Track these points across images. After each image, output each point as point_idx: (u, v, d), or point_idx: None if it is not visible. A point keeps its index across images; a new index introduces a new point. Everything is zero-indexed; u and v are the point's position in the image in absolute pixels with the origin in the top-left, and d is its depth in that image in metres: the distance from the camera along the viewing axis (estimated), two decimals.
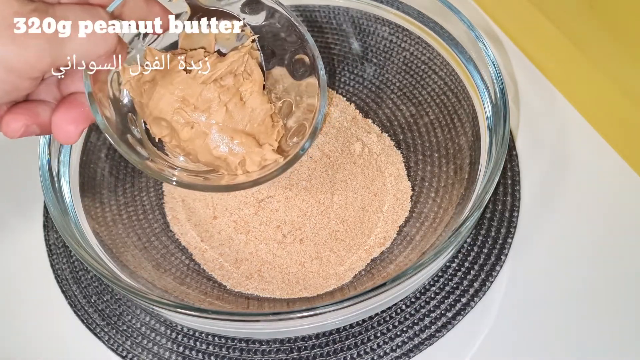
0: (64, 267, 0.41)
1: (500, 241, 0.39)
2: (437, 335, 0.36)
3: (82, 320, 0.39)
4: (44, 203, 0.44)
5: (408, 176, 0.42)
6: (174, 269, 0.39)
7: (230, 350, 0.37)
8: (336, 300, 0.29)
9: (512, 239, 0.40)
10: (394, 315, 0.37)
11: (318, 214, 0.39)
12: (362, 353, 0.36)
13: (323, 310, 0.29)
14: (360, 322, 0.37)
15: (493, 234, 0.40)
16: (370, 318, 0.37)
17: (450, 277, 0.38)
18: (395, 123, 0.44)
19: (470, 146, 0.38)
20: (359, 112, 0.45)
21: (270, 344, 0.37)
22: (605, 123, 0.44)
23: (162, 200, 0.43)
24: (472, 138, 0.38)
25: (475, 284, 0.38)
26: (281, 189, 0.40)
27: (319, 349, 0.37)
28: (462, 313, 0.37)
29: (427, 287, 0.38)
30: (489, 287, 0.38)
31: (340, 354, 0.36)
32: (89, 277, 0.40)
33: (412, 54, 0.44)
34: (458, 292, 0.38)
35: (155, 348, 0.38)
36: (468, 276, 0.38)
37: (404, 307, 0.38)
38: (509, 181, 0.42)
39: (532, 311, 0.37)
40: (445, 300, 0.37)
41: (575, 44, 0.44)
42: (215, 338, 0.38)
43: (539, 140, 0.44)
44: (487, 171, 0.33)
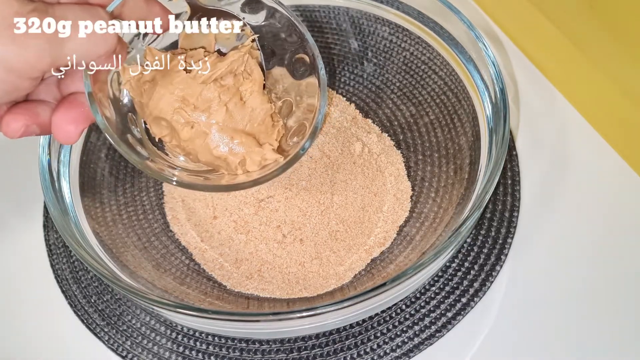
0: (64, 267, 0.41)
1: (500, 241, 0.39)
2: (437, 335, 0.36)
3: (82, 320, 0.39)
4: (44, 203, 0.44)
5: (408, 176, 0.42)
6: (174, 269, 0.39)
7: (230, 350, 0.37)
8: (336, 300, 0.29)
9: (512, 239, 0.40)
10: (394, 315, 0.37)
11: (318, 214, 0.39)
12: (362, 353, 0.36)
13: (323, 310, 0.29)
14: (360, 322, 0.37)
15: (493, 234, 0.40)
16: (370, 318, 0.37)
17: (450, 277, 0.38)
18: (395, 123, 0.44)
19: (470, 146, 0.38)
20: (359, 112, 0.45)
21: (270, 344, 0.37)
22: (605, 123, 0.44)
23: (162, 200, 0.43)
24: (472, 138, 0.38)
25: (475, 284, 0.38)
26: (281, 189, 0.40)
27: (319, 349, 0.37)
28: (462, 313, 0.37)
29: (427, 287, 0.38)
30: (489, 287, 0.38)
31: (340, 354, 0.36)
32: (89, 277, 0.40)
33: (412, 54, 0.44)
34: (458, 292, 0.38)
35: (155, 348, 0.38)
36: (468, 276, 0.38)
37: (404, 307, 0.38)
38: (509, 181, 0.42)
39: (532, 311, 0.37)
40: (445, 300, 0.37)
41: (575, 44, 0.44)
42: (215, 338, 0.38)
43: (539, 140, 0.44)
44: (487, 171, 0.33)
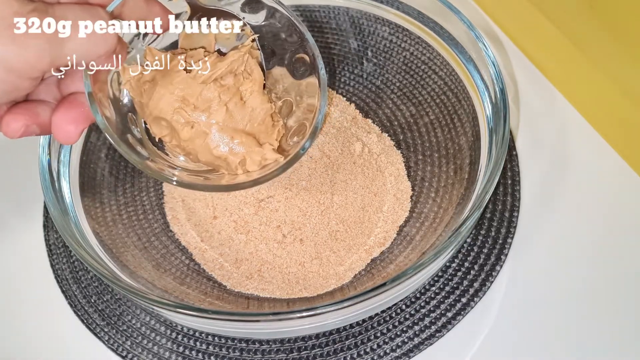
0: (64, 267, 0.41)
1: (500, 241, 0.39)
2: (437, 335, 0.36)
3: (82, 320, 0.39)
4: (44, 203, 0.44)
5: (408, 176, 0.42)
6: (174, 269, 0.39)
7: (230, 350, 0.37)
8: (336, 300, 0.29)
9: (512, 239, 0.40)
10: (394, 315, 0.37)
11: (318, 214, 0.39)
12: (362, 353, 0.36)
13: (323, 310, 0.29)
14: (360, 322, 0.37)
15: (493, 234, 0.40)
16: (370, 318, 0.37)
17: (450, 277, 0.38)
18: (395, 123, 0.44)
19: (470, 146, 0.38)
20: (359, 112, 0.45)
21: (270, 344, 0.37)
22: (605, 123, 0.44)
23: (162, 200, 0.43)
24: (472, 138, 0.38)
25: (475, 284, 0.38)
26: (281, 189, 0.40)
27: (319, 349, 0.37)
28: (462, 313, 0.37)
29: (427, 287, 0.38)
30: (489, 287, 0.38)
31: (340, 354, 0.36)
32: (89, 277, 0.40)
33: (412, 54, 0.44)
34: (458, 292, 0.38)
35: (155, 348, 0.37)
36: (468, 276, 0.38)
37: (404, 307, 0.38)
38: (509, 181, 0.42)
39: (532, 311, 0.37)
40: (445, 300, 0.37)
41: (575, 44, 0.44)
42: (215, 338, 0.38)
43: (539, 140, 0.44)
44: (487, 171, 0.33)
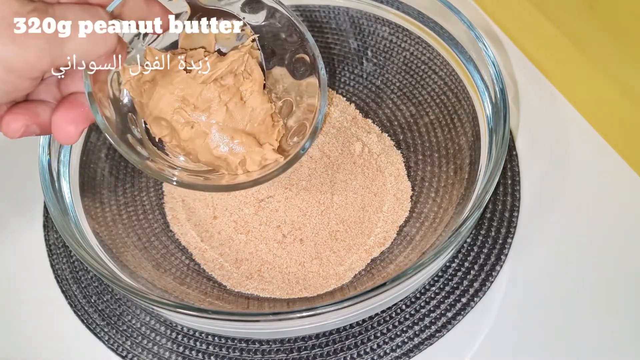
0: (64, 267, 0.41)
1: (500, 241, 0.39)
2: (437, 335, 0.36)
3: (82, 320, 0.39)
4: (44, 203, 0.44)
5: (408, 176, 0.42)
6: (174, 269, 0.39)
7: (230, 350, 0.37)
8: (336, 300, 0.29)
9: (512, 239, 0.40)
10: (394, 315, 0.37)
11: (318, 214, 0.39)
12: (362, 353, 0.36)
13: (323, 310, 0.29)
14: (360, 322, 0.37)
15: (493, 234, 0.40)
16: (370, 318, 0.37)
17: (450, 277, 0.38)
18: (395, 123, 0.44)
19: (470, 146, 0.38)
20: (359, 112, 0.45)
21: (270, 344, 0.37)
22: (605, 123, 0.44)
23: (162, 200, 0.43)
24: (472, 138, 0.38)
25: (475, 284, 0.38)
26: (281, 189, 0.40)
27: (319, 349, 0.37)
28: (462, 313, 0.37)
29: (427, 287, 0.38)
30: (489, 287, 0.38)
31: (340, 354, 0.36)
32: (89, 277, 0.40)
33: (412, 54, 0.44)
34: (458, 292, 0.38)
35: (155, 348, 0.37)
36: (468, 276, 0.38)
37: (404, 307, 0.38)
38: (509, 181, 0.42)
39: (532, 311, 0.37)
40: (445, 300, 0.37)
41: (575, 44, 0.44)
42: (215, 338, 0.38)
43: (539, 140, 0.44)
44: (487, 171, 0.33)
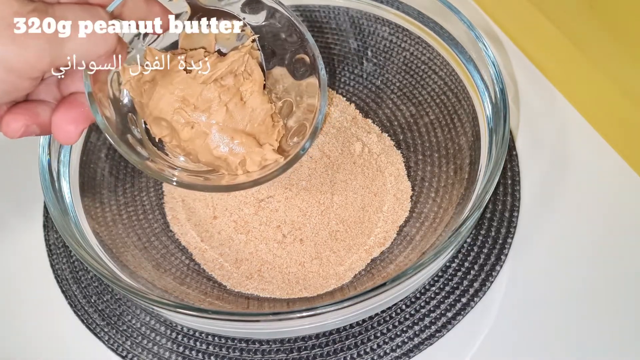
0: (64, 267, 0.41)
1: (500, 241, 0.39)
2: (437, 335, 0.36)
3: (82, 320, 0.39)
4: (44, 203, 0.44)
5: (408, 176, 0.42)
6: (174, 269, 0.39)
7: (230, 350, 0.37)
8: (336, 300, 0.29)
9: (512, 239, 0.40)
10: (394, 315, 0.37)
11: (318, 214, 0.39)
12: (362, 353, 0.36)
13: (323, 310, 0.29)
14: (360, 322, 0.37)
15: (493, 234, 0.40)
16: (370, 318, 0.37)
17: (450, 277, 0.38)
18: (395, 123, 0.44)
19: (470, 146, 0.38)
20: (359, 112, 0.45)
21: (270, 344, 0.37)
22: (605, 123, 0.44)
23: (162, 200, 0.43)
24: (472, 138, 0.38)
25: (475, 284, 0.38)
26: (281, 189, 0.40)
27: (319, 349, 0.37)
28: (462, 313, 0.37)
29: (427, 287, 0.38)
30: (489, 287, 0.38)
31: (340, 354, 0.36)
32: (89, 277, 0.40)
33: (412, 54, 0.44)
34: (458, 292, 0.38)
35: (155, 348, 0.38)
36: (468, 276, 0.38)
37: (404, 307, 0.38)
38: (509, 181, 0.42)
39: (532, 311, 0.37)
40: (445, 300, 0.37)
41: (575, 44, 0.44)
42: (215, 338, 0.38)
43: (539, 140, 0.44)
44: (487, 171, 0.33)
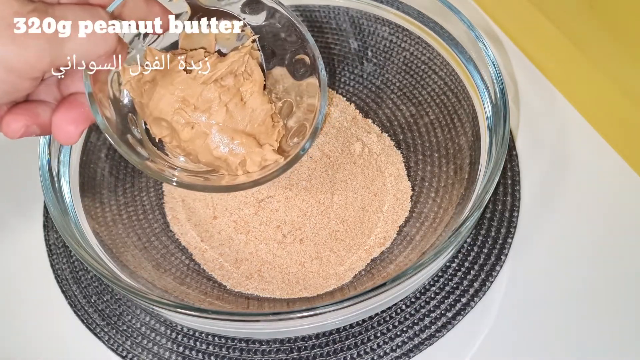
0: (64, 267, 0.41)
1: (500, 241, 0.39)
2: (437, 335, 0.36)
3: (82, 320, 0.39)
4: (44, 203, 0.44)
5: (408, 176, 0.42)
6: (174, 269, 0.39)
7: (230, 350, 0.37)
8: (336, 300, 0.29)
9: (512, 239, 0.40)
10: (394, 315, 0.37)
11: (318, 214, 0.39)
12: (362, 353, 0.36)
13: (323, 310, 0.29)
14: (360, 322, 0.37)
15: (493, 234, 0.40)
16: (370, 318, 0.37)
17: (450, 277, 0.38)
18: (395, 123, 0.44)
19: (470, 146, 0.38)
20: (359, 112, 0.45)
21: (270, 344, 0.37)
22: (605, 123, 0.44)
23: (162, 200, 0.43)
24: (472, 138, 0.38)
25: (475, 284, 0.38)
26: (281, 189, 0.40)
27: (319, 349, 0.37)
28: (462, 313, 0.37)
29: (427, 287, 0.38)
30: (489, 287, 0.38)
31: (340, 354, 0.36)
32: (89, 277, 0.40)
33: (412, 54, 0.44)
34: (458, 292, 0.38)
35: (155, 348, 0.38)
36: (468, 276, 0.38)
37: (404, 307, 0.38)
38: (509, 181, 0.42)
39: (532, 311, 0.37)
40: (445, 300, 0.37)
41: (575, 44, 0.44)
42: (215, 338, 0.38)
43: (539, 140, 0.44)
44: (487, 171, 0.33)
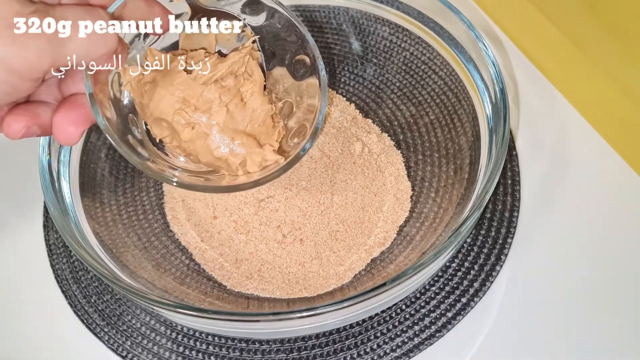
0: (64, 267, 0.41)
1: (500, 241, 0.39)
2: (437, 335, 0.36)
3: (82, 320, 0.39)
4: (44, 203, 0.44)
5: (408, 176, 0.42)
6: (174, 269, 0.39)
7: (230, 350, 0.37)
8: (336, 300, 0.29)
9: (512, 239, 0.40)
10: (394, 315, 0.37)
11: (318, 214, 0.39)
12: (362, 353, 0.36)
13: (323, 310, 0.29)
14: (360, 322, 0.37)
15: (493, 234, 0.40)
16: (370, 318, 0.37)
17: (450, 277, 0.38)
18: (395, 123, 0.44)
19: (470, 146, 0.38)
20: (359, 112, 0.45)
21: (270, 344, 0.37)
22: (605, 123, 0.44)
23: (162, 200, 0.43)
24: (472, 138, 0.38)
25: (475, 284, 0.38)
26: (281, 189, 0.40)
27: (319, 349, 0.37)
28: (462, 313, 0.37)
29: (427, 287, 0.38)
30: (489, 287, 0.38)
31: (340, 354, 0.36)
32: (89, 277, 0.40)
33: (412, 54, 0.44)
34: (458, 292, 0.38)
35: (155, 348, 0.38)
36: (468, 276, 0.38)
37: (404, 307, 0.38)
38: (509, 181, 0.42)
39: (532, 311, 0.37)
40: (445, 300, 0.37)
41: (575, 44, 0.44)
42: (215, 338, 0.38)
43: (539, 140, 0.44)
44: (487, 171, 0.33)
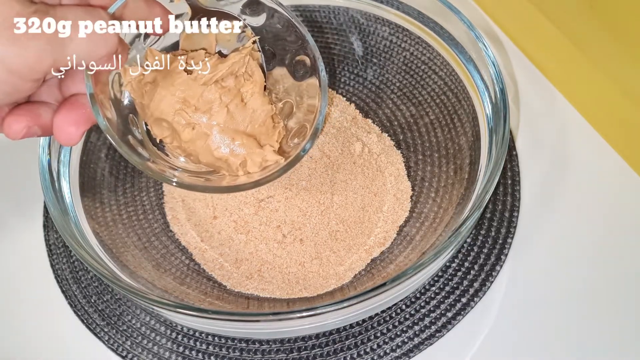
0: (64, 267, 0.41)
1: (500, 241, 0.40)
2: (437, 335, 0.36)
3: (82, 320, 0.39)
4: (44, 203, 0.44)
5: (408, 176, 0.42)
6: (174, 269, 0.39)
7: (230, 350, 0.37)
8: (336, 300, 0.29)
9: (512, 239, 0.40)
10: (394, 315, 0.37)
11: (318, 214, 0.39)
12: (362, 353, 0.36)
13: (323, 310, 0.29)
14: (360, 322, 0.37)
15: (493, 234, 0.40)
16: (370, 318, 0.37)
17: (450, 277, 0.38)
18: (395, 123, 0.44)
19: (470, 146, 0.38)
20: (359, 112, 0.45)
21: (270, 344, 0.37)
22: (605, 123, 0.44)
23: (162, 200, 0.43)
24: (472, 138, 0.38)
25: (475, 284, 0.38)
26: (281, 189, 0.40)
27: (319, 349, 0.37)
28: (462, 313, 0.37)
29: (427, 287, 0.38)
30: (489, 287, 0.38)
31: (340, 354, 0.36)
32: (89, 277, 0.40)
33: (412, 54, 0.44)
34: (458, 292, 0.38)
35: (155, 348, 0.38)
36: (468, 276, 0.38)
37: (404, 307, 0.38)
38: (509, 181, 0.42)
39: (532, 311, 0.37)
40: (445, 300, 0.37)
41: (575, 44, 0.44)
42: (215, 338, 0.38)
43: (539, 140, 0.44)
44: (487, 171, 0.33)
